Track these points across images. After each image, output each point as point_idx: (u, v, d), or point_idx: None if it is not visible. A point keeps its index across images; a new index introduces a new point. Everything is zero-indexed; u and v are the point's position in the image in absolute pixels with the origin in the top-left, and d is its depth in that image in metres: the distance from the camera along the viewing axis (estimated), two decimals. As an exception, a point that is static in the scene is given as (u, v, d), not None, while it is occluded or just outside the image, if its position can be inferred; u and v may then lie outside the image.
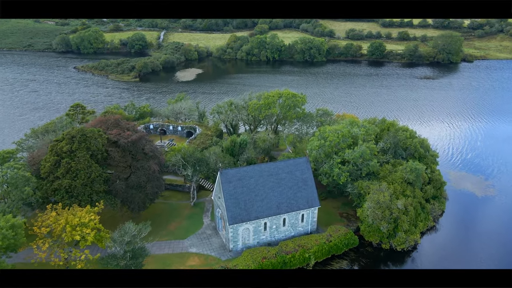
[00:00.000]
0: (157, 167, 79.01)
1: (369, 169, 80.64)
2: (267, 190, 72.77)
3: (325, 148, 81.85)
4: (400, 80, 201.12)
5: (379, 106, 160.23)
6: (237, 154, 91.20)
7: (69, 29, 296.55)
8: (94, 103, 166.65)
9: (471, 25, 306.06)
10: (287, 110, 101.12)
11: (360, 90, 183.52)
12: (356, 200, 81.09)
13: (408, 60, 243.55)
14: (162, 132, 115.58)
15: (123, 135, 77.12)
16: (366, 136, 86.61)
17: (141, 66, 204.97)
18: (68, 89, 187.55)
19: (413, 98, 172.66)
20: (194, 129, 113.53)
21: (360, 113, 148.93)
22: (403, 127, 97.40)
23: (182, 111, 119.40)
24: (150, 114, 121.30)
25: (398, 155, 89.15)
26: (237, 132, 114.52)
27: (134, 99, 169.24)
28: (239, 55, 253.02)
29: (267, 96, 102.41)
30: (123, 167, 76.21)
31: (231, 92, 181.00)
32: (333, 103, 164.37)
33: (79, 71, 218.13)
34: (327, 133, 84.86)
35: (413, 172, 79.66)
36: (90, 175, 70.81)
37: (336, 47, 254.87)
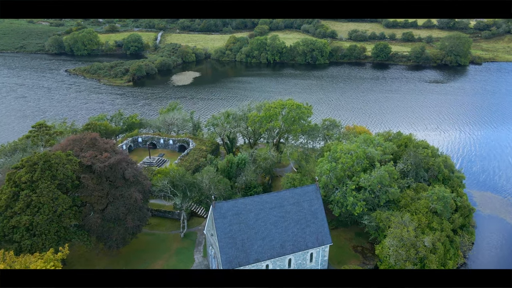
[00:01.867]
0: (140, 196, 66.05)
1: (388, 197, 67.80)
2: (270, 226, 59.87)
3: (336, 172, 68.93)
4: (409, 84, 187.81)
5: (390, 114, 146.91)
6: (234, 176, 78.30)
7: (64, 30, 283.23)
8: (85, 110, 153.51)
9: (478, 26, 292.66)
10: (291, 123, 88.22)
11: (367, 96, 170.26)
12: (373, 233, 68.18)
13: (415, 63, 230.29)
14: (152, 146, 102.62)
15: (100, 158, 64.18)
16: (383, 155, 73.79)
17: (135, 69, 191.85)
18: (58, 95, 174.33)
19: (425, 104, 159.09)
20: (187, 143, 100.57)
21: (371, 122, 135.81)
22: (422, 143, 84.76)
23: (175, 122, 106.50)
24: (139, 125, 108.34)
25: (419, 177, 76.36)
26: (235, 145, 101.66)
27: (126, 107, 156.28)
28: (238, 57, 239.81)
29: (269, 107, 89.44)
30: (98, 196, 63.23)
31: (230, 98, 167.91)
32: (340, 110, 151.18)
33: (71, 74, 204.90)
34: (338, 153, 71.96)
35: (441, 200, 66.80)
36: (56, 208, 57.92)
37: (339, 49, 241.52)
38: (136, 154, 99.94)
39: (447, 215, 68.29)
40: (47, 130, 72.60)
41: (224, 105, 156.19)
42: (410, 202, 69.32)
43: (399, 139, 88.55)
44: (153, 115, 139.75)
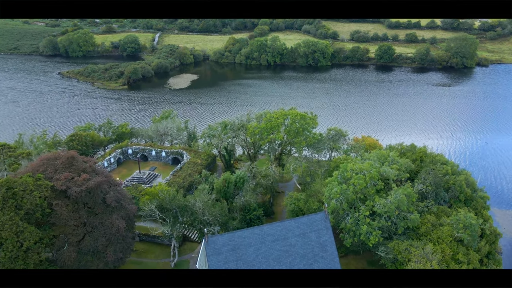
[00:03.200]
0: (123, 223, 57.00)
1: (407, 224, 58.78)
2: (272, 263, 50.79)
3: (347, 195, 59.84)
4: (416, 88, 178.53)
5: (399, 120, 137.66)
6: (232, 196, 69.26)
7: (59, 30, 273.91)
8: (77, 116, 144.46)
9: (482, 27, 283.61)
10: (294, 135, 79.14)
11: (374, 100, 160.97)
12: (389, 266, 59.09)
13: (419, 65, 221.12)
14: (143, 158, 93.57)
15: (76, 181, 55.14)
16: (399, 174, 64.74)
17: (130, 72, 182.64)
18: (50, 99, 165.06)
19: (436, 109, 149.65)
20: (181, 155, 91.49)
21: (380, 130, 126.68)
22: (439, 158, 75.62)
23: (168, 131, 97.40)
24: (129, 135, 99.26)
25: (439, 198, 67.33)
26: (233, 157, 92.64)
27: (120, 113, 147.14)
28: (237, 59, 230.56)
29: (270, 117, 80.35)
30: (74, 226, 54.20)
31: (228, 102, 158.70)
32: (346, 116, 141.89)
33: (64, 77, 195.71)
34: (349, 172, 62.88)
35: (468, 229, 57.76)
36: (22, 243, 48.97)
37: (342, 51, 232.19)
38: (126, 167, 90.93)
39: (474, 244, 59.23)
40: (11, 152, 62.98)
41: (223, 111, 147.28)
42: (431, 229, 60.27)
43: (413, 152, 79.61)
44: (148, 122, 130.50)
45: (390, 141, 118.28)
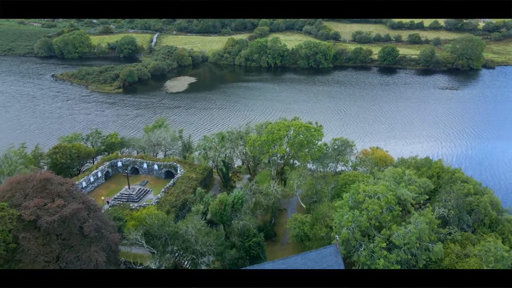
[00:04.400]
0: (103, 256, 49.19)
1: (429, 256, 50.88)
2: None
3: (360, 222, 51.90)
4: (423, 91, 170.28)
5: (409, 127, 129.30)
6: (229, 219, 61.30)
7: (55, 31, 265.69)
8: (70, 123, 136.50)
9: (487, 27, 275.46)
10: (298, 148, 71.16)
11: (380, 104, 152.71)
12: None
13: (424, 66, 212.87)
14: (134, 171, 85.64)
15: (49, 208, 47.32)
16: (417, 196, 56.82)
17: (126, 75, 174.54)
18: (42, 104, 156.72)
19: (446, 114, 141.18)
20: (175, 168, 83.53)
21: (389, 139, 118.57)
22: (459, 174, 67.85)
23: (161, 142, 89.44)
24: (120, 145, 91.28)
25: (462, 222, 59.43)
26: (232, 168, 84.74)
27: (114, 119, 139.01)
28: (237, 61, 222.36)
29: (271, 129, 72.32)
30: (44, 262, 46.35)
31: (227, 108, 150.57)
32: (351, 122, 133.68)
33: (57, 79, 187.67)
34: (361, 195, 54.96)
35: (499, 262, 49.86)
36: (-20, 287, 40.97)
37: (344, 52, 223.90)
38: (115, 182, 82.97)
39: (505, 279, 51.24)
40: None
41: (221, 117, 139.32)
42: (456, 262, 52.37)
43: (428, 167, 71.88)
44: (141, 131, 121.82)
45: (401, 151, 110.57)
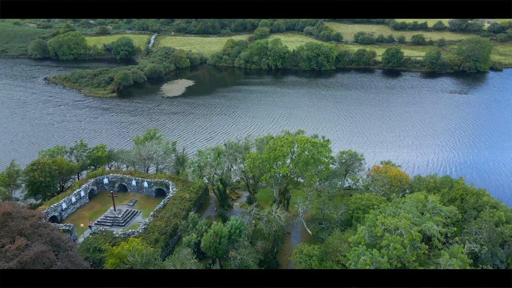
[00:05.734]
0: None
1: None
2: None
3: (381, 264, 43.27)
4: (431, 95, 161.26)
5: (421, 135, 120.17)
6: (225, 252, 52.64)
7: (51, 32, 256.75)
8: (60, 131, 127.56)
9: (492, 28, 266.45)
10: (303, 167, 62.49)
11: (388, 110, 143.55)
12: None
13: (429, 69, 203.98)
14: (122, 188, 77.04)
15: (7, 251, 38.98)
16: (442, 228, 48.22)
17: (120, 78, 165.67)
18: (32, 110, 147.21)
19: (459, 121, 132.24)
20: (167, 186, 74.93)
21: (400, 149, 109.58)
22: (485, 197, 59.25)
23: (153, 155, 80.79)
24: (107, 159, 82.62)
25: (496, 257, 50.87)
26: (229, 184, 76.03)
27: (106, 126, 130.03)
28: (236, 63, 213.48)
29: (273, 145, 63.60)
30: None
31: (225, 114, 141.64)
32: (359, 130, 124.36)
33: (49, 83, 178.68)
34: (379, 228, 46.37)
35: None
36: None
37: (347, 54, 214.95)
38: (100, 201, 74.35)
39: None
40: None
41: (219, 125, 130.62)
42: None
43: (450, 187, 63.46)
44: (124, 145, 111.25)
45: (415, 163, 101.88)
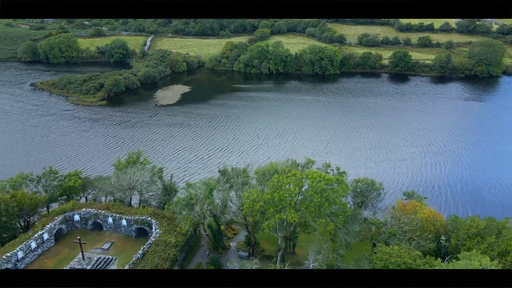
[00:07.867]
0: None
1: None
2: None
3: None
4: (446, 103, 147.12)
5: (444, 153, 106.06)
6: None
7: (43, 34, 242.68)
8: (43, 146, 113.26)
9: (501, 30, 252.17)
10: (316, 212, 49.10)
11: (402, 120, 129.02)
12: None
13: (439, 73, 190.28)
14: (96, 226, 63.63)
15: None
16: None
17: (111, 85, 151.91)
18: (16, 122, 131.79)
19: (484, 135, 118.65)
20: (150, 225, 61.52)
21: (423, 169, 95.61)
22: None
23: (136, 185, 67.34)
24: (81, 188, 69.12)
25: None
26: (225, 219, 62.60)
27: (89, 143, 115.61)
28: (236, 67, 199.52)
29: (278, 183, 50.11)
30: None
31: (222, 127, 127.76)
32: (373, 146, 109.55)
33: (36, 89, 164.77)
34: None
35: None
36: None
37: (352, 57, 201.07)
38: (68, 245, 60.84)
39: None
40: None
41: (216, 142, 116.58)
42: None
43: (496, 233, 50.24)
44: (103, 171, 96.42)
45: (441, 187, 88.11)
